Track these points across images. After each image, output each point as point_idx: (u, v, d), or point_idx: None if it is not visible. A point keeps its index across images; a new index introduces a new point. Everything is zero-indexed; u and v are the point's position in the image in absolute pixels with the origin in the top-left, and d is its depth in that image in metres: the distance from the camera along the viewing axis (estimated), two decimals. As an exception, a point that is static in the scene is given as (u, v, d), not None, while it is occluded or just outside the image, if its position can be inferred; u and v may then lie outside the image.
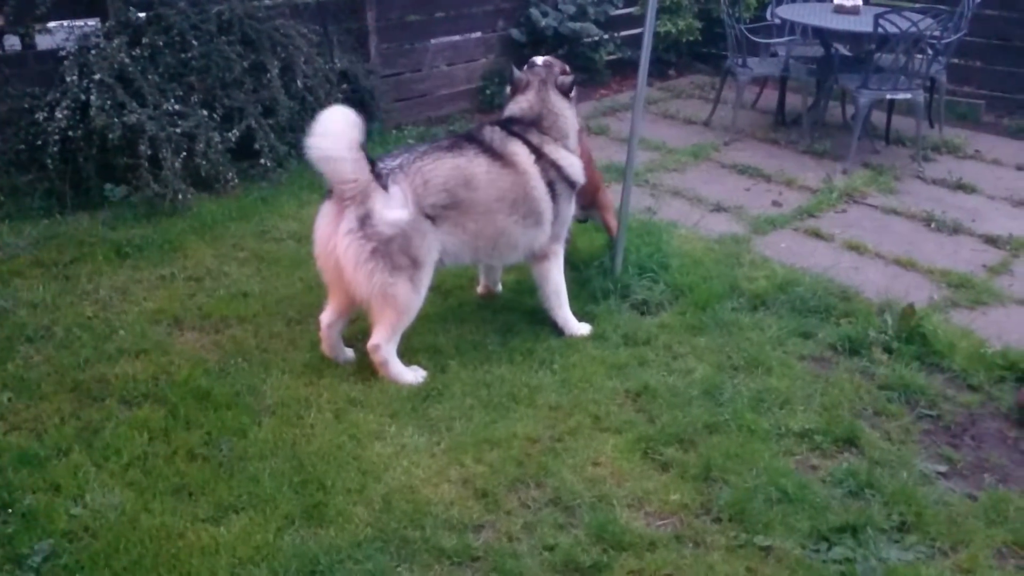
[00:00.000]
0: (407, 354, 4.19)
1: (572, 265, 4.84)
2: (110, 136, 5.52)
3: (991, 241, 5.84)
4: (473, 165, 4.14)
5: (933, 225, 6.06)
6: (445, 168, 4.08)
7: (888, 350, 4.44)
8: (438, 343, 4.35)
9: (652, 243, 5.24)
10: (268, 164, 6.19)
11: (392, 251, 3.90)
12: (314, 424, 3.76)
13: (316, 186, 6.11)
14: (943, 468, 3.70)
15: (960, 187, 6.72)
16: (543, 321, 4.54)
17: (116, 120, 5.52)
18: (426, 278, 4.07)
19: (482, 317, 4.62)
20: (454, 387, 4.03)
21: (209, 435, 3.66)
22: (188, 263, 5.09)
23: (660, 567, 3.10)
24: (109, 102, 5.55)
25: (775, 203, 6.38)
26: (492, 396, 3.97)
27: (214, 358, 4.19)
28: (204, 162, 5.85)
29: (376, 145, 6.90)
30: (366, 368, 4.14)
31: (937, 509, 3.43)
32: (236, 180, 6.03)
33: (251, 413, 3.81)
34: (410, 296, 4.01)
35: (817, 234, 5.89)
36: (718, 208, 6.26)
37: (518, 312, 4.66)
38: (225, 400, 3.87)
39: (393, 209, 3.90)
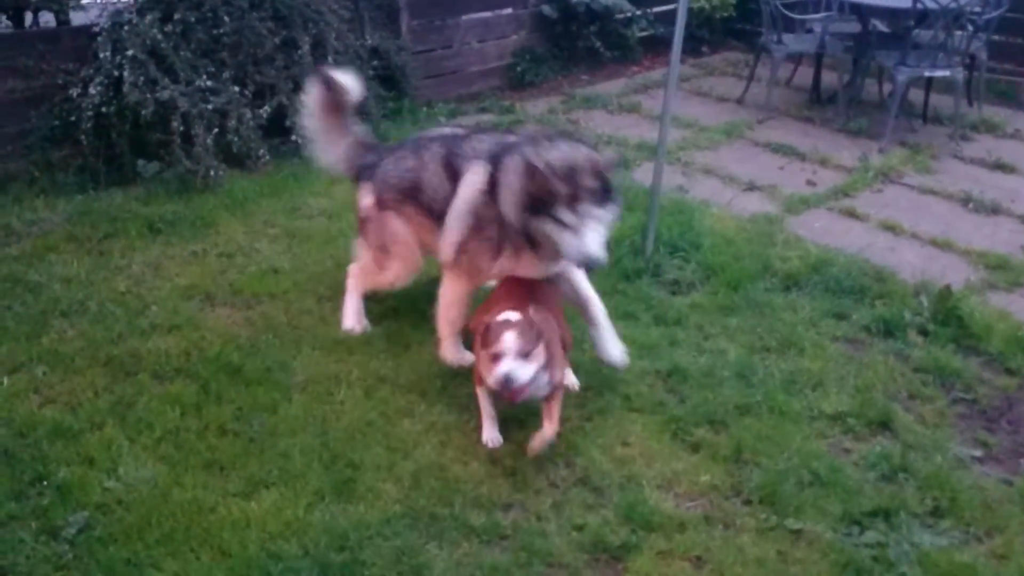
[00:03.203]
0: (432, 333, 4.21)
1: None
2: (143, 112, 5.54)
3: (1030, 222, 5.74)
4: None
5: (971, 205, 5.96)
6: None
7: (923, 332, 4.38)
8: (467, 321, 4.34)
9: (684, 222, 5.19)
10: (299, 141, 6.15)
11: None
12: (344, 401, 3.77)
13: (347, 163, 6.12)
14: (978, 452, 3.65)
15: (999, 167, 6.60)
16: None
17: (149, 96, 5.54)
18: None
19: (512, 295, 4.60)
20: (483, 365, 4.02)
21: (240, 410, 3.68)
22: (220, 239, 5.11)
23: (689, 548, 3.09)
24: (142, 78, 5.57)
25: (809, 182, 6.30)
26: (521, 375, 3.95)
27: (245, 334, 4.21)
28: (236, 138, 5.86)
29: (406, 122, 6.90)
30: (396, 345, 4.15)
31: (972, 494, 3.38)
32: (267, 157, 6.04)
33: (282, 389, 3.83)
34: None
35: (852, 214, 5.81)
36: (751, 187, 6.19)
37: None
38: (256, 376, 3.89)
39: None
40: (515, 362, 3.19)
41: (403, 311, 4.40)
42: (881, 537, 3.15)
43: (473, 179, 3.78)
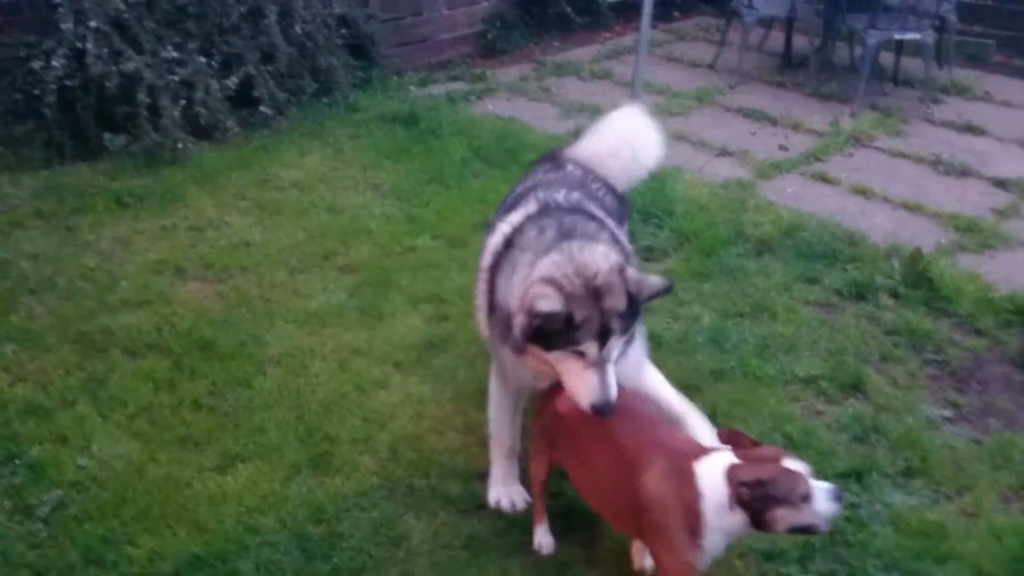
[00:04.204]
0: (406, 304, 4.20)
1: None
2: (108, 84, 5.43)
3: (1000, 184, 5.78)
4: None
5: (941, 168, 5.99)
6: None
7: (895, 295, 4.42)
8: (441, 292, 4.33)
9: (656, 189, 5.19)
10: (268, 112, 6.10)
11: None
12: (319, 374, 3.76)
13: (317, 134, 6.08)
14: (949, 413, 3.70)
15: (969, 129, 6.64)
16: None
17: (113, 68, 5.43)
18: None
19: (486, 265, 4.59)
20: (457, 336, 4.02)
21: (214, 385, 3.66)
22: (189, 213, 5.05)
23: (665, 513, 3.11)
24: (106, 49, 5.45)
25: (781, 147, 6.31)
26: (496, 344, 3.95)
27: (217, 308, 4.18)
28: (203, 110, 5.77)
29: (376, 91, 6.83)
30: (370, 317, 4.13)
31: (942, 454, 3.44)
32: (236, 128, 5.95)
33: (255, 363, 3.81)
34: None
35: (824, 178, 5.83)
36: (723, 152, 6.19)
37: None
38: (229, 350, 3.86)
39: None
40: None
41: (376, 283, 4.38)
42: (854, 497, 3.19)
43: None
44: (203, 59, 5.81)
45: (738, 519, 2.40)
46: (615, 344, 2.65)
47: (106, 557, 2.89)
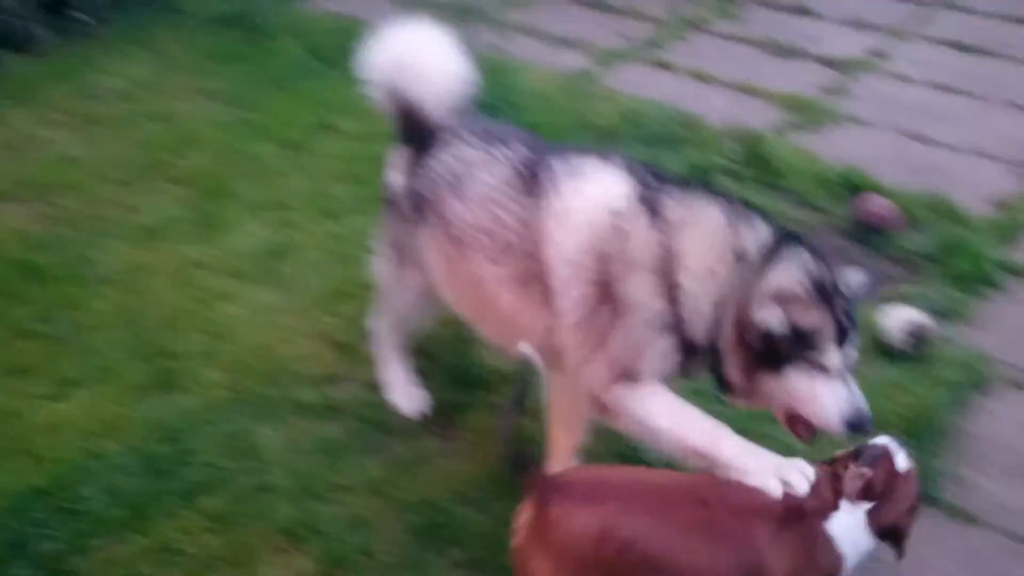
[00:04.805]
0: (246, 212, 4.05)
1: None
2: None
3: (829, 63, 5.95)
4: None
5: (774, 50, 6.12)
6: None
7: (733, 175, 4.54)
8: (282, 198, 4.20)
9: (499, 81, 5.11)
10: (84, 18, 5.68)
11: None
12: (157, 290, 3.62)
13: (140, 40, 5.71)
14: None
15: (800, 11, 6.78)
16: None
17: None
18: None
19: (328, 169, 4.46)
20: (302, 242, 3.92)
21: (42, 310, 3.47)
22: (3, 130, 4.69)
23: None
24: None
25: (621, 36, 6.31)
26: (343, 248, 3.87)
27: (41, 229, 3.94)
28: (10, 18, 5.32)
29: None
30: (208, 228, 3.97)
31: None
32: (50, 37, 5.52)
33: (87, 284, 3.62)
34: None
35: (663, 65, 5.88)
36: (565, 43, 6.14)
37: (365, 160, 4.51)
38: (57, 272, 3.66)
39: None
40: None
41: (212, 192, 4.20)
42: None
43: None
44: (3, -39, 5.34)
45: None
46: (853, 348, 2.39)
47: (-66, 497, 2.74)
